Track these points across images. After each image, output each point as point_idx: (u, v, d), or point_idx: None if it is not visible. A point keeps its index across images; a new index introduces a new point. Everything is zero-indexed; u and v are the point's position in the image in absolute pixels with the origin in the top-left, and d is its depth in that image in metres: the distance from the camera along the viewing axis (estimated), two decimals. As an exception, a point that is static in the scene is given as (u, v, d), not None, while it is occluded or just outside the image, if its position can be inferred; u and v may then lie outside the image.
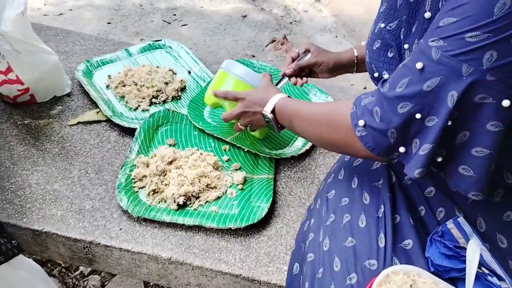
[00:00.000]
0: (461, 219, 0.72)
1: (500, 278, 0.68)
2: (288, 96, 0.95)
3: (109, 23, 2.57)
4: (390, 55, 0.78)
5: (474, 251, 0.67)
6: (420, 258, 0.72)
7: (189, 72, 1.39)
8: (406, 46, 0.73)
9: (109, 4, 2.72)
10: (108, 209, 1.00)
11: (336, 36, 2.63)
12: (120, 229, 0.97)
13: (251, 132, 1.17)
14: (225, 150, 1.15)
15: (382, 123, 0.65)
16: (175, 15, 2.69)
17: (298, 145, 1.19)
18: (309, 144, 1.18)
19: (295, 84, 1.11)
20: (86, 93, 1.26)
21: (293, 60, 1.12)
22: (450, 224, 0.72)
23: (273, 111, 0.93)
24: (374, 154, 0.69)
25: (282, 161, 1.16)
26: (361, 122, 0.68)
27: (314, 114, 0.82)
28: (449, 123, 0.60)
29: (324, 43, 2.58)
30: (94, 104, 1.23)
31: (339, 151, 0.84)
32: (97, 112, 1.22)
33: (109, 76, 1.32)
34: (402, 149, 0.66)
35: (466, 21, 0.56)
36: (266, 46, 2.56)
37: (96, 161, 1.10)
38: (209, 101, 1.14)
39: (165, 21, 2.63)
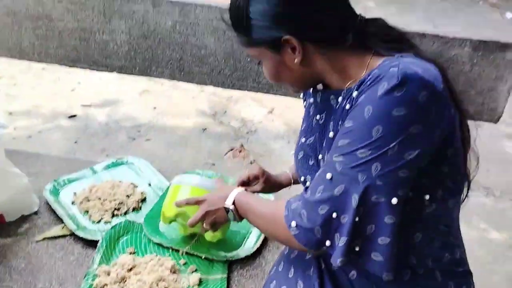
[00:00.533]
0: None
1: None
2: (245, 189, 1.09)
3: (76, 142, 2.74)
4: (310, 163, 0.97)
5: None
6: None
7: (149, 184, 1.53)
8: (320, 156, 0.93)
9: (76, 124, 2.93)
10: (71, 318, 1.07)
11: (288, 142, 2.91)
12: (82, 337, 1.03)
13: (206, 238, 1.27)
14: (182, 254, 1.26)
15: (309, 223, 0.80)
16: (139, 131, 2.90)
17: (250, 246, 1.31)
18: (259, 243, 1.31)
19: None
20: (52, 210, 1.37)
21: (243, 183, 1.25)
22: None
23: (233, 203, 1.04)
24: (307, 249, 0.83)
25: (235, 261, 1.27)
26: (293, 223, 0.82)
27: (261, 212, 0.96)
28: (357, 219, 0.76)
29: (278, 149, 2.83)
30: (60, 220, 1.34)
31: (283, 244, 0.98)
32: (62, 227, 1.32)
33: (74, 193, 1.44)
34: (328, 243, 0.80)
35: (356, 142, 0.76)
36: (225, 154, 2.78)
37: (60, 274, 1.18)
38: (166, 220, 1.24)
39: (130, 137, 2.83)
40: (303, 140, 1.01)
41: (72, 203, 1.42)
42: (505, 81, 1.31)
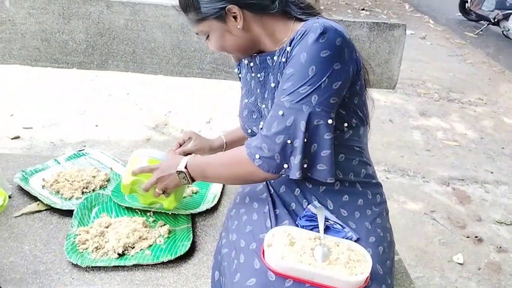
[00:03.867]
0: (315, 202, 1.12)
1: (342, 227, 1.07)
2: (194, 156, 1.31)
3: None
4: (254, 116, 1.23)
5: (320, 214, 1.07)
6: (294, 228, 1.09)
7: (111, 169, 1.71)
8: (263, 106, 1.19)
9: (21, 144, 2.99)
10: (60, 266, 1.22)
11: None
12: (73, 278, 1.19)
13: (164, 205, 1.41)
14: (150, 215, 1.46)
15: (270, 152, 1.04)
16: (85, 146, 3.02)
17: (209, 201, 1.54)
18: (216, 199, 1.54)
19: None
20: (26, 193, 1.51)
21: (180, 145, 1.46)
22: (309, 206, 1.12)
23: (186, 167, 1.21)
24: (270, 174, 1.07)
25: (197, 215, 1.49)
26: (257, 156, 1.05)
27: (221, 160, 1.17)
28: (305, 140, 1.02)
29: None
30: (34, 199, 1.48)
31: (243, 182, 1.21)
32: (37, 204, 1.46)
33: (43, 179, 1.59)
34: (285, 165, 1.05)
35: (297, 82, 1.01)
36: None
37: (43, 237, 1.33)
38: (125, 189, 1.37)
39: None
40: (245, 101, 1.27)
41: (43, 187, 1.56)
42: (396, 53, 1.68)
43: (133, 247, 1.30)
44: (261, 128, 1.11)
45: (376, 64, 1.68)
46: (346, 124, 1.09)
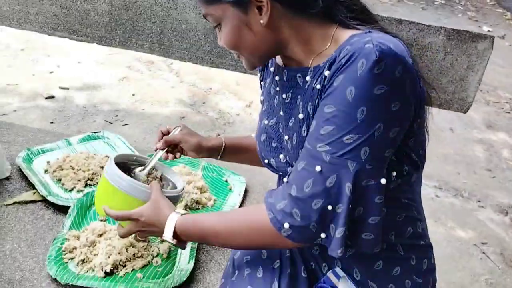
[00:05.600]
0: (337, 269, 0.88)
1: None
2: (184, 213, 0.94)
3: (52, 122, 2.71)
4: (273, 145, 0.96)
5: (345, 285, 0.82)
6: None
7: (124, 159, 1.53)
8: (286, 137, 0.91)
9: (54, 106, 2.89)
10: (38, 279, 1.06)
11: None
12: (48, 296, 1.03)
13: None
14: (153, 225, 1.27)
15: (304, 221, 0.76)
16: (117, 116, 2.89)
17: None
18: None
19: (165, 158, 1.14)
20: (24, 177, 1.36)
21: (163, 134, 1.15)
22: (329, 273, 0.88)
23: (175, 234, 0.90)
24: (301, 244, 0.81)
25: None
26: (286, 225, 0.78)
27: (230, 227, 0.87)
28: (350, 206, 0.75)
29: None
30: (31, 187, 1.33)
31: (265, 247, 0.93)
32: (34, 193, 1.31)
33: (48, 162, 1.43)
34: (323, 235, 0.77)
35: (341, 128, 0.73)
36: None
37: (29, 236, 1.17)
38: (101, 213, 1.03)
39: (107, 121, 2.82)
40: (265, 122, 0.98)
41: (45, 171, 1.41)
42: (476, 71, 1.36)
43: (125, 265, 1.12)
44: (287, 182, 0.81)
45: (449, 80, 1.36)
46: (395, 173, 0.81)
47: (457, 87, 1.37)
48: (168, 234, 0.90)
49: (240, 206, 1.39)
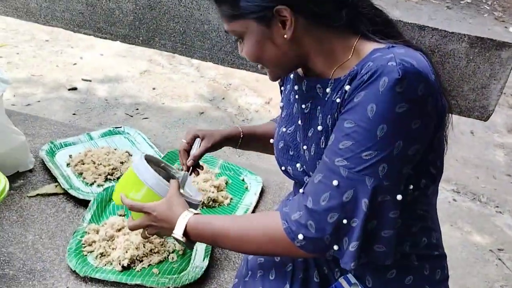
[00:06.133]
0: (349, 275, 0.89)
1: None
2: (197, 213, 0.94)
3: (74, 114, 2.77)
4: (291, 153, 0.96)
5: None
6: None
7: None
8: (304, 147, 0.91)
9: (76, 97, 2.95)
10: (58, 270, 1.10)
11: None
12: (67, 287, 1.06)
13: None
14: (170, 221, 1.29)
15: (318, 233, 0.77)
16: (137, 109, 2.93)
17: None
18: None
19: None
20: (47, 170, 1.40)
21: (186, 151, 1.13)
22: (341, 279, 0.89)
23: (185, 233, 0.91)
24: (314, 254, 0.82)
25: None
26: (300, 236, 0.78)
27: (243, 233, 0.87)
28: (365, 220, 0.75)
29: (273, 139, 2.88)
30: (54, 180, 1.37)
31: (278, 255, 0.95)
32: (56, 186, 1.35)
33: (70, 156, 1.47)
34: (336, 247, 0.78)
35: (360, 144, 0.73)
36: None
37: (51, 228, 1.21)
38: (117, 200, 1.06)
39: (128, 114, 2.86)
40: (283, 129, 0.98)
41: (67, 165, 1.44)
42: (498, 79, 1.34)
43: (141, 260, 1.15)
44: (303, 193, 0.81)
45: (470, 88, 1.34)
46: (412, 187, 0.81)
47: (479, 95, 1.35)
48: (178, 231, 0.90)
49: (256, 205, 1.41)
